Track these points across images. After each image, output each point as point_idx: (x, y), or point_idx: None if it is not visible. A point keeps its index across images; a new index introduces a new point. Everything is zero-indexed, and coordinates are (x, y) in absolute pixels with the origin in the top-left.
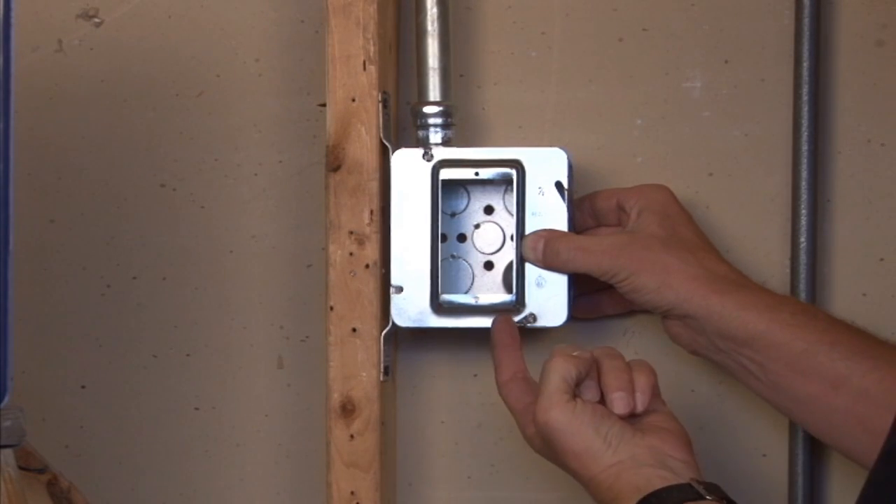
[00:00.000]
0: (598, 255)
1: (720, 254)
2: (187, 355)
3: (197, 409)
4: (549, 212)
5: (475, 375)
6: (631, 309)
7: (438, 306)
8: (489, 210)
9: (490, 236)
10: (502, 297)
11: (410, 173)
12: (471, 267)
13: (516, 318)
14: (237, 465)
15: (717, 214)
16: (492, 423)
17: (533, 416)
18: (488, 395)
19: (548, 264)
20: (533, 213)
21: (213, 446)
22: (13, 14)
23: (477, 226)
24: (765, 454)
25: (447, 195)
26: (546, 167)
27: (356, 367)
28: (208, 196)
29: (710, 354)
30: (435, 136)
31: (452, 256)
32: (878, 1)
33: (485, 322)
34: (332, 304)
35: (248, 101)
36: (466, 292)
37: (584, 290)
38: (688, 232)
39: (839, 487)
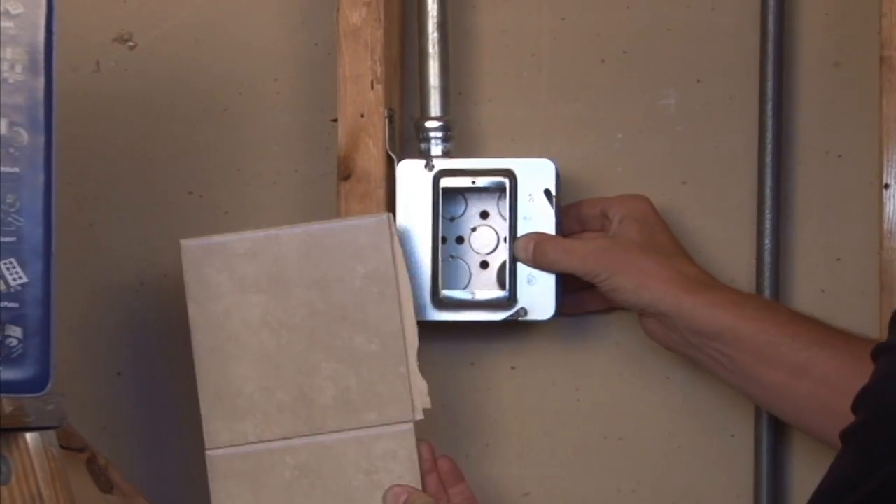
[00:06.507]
0: (583, 256)
1: (691, 258)
2: None
3: None
4: (538, 217)
5: (472, 364)
6: (612, 307)
7: (439, 301)
8: (485, 215)
9: (485, 238)
10: (496, 293)
11: (414, 182)
12: (468, 266)
13: (509, 312)
14: None
15: (690, 219)
16: (487, 406)
17: None
18: (484, 382)
19: (537, 264)
20: (524, 218)
21: None
22: (55, 38)
23: (474, 229)
24: (732, 434)
25: (447, 201)
26: (536, 176)
27: None
28: (231, 202)
29: (683, 349)
30: (436, 149)
31: (452, 257)
32: (836, 26)
33: (481, 316)
34: None
35: (268, 117)
36: (464, 289)
37: (569, 288)
38: (664, 238)
39: (801, 465)
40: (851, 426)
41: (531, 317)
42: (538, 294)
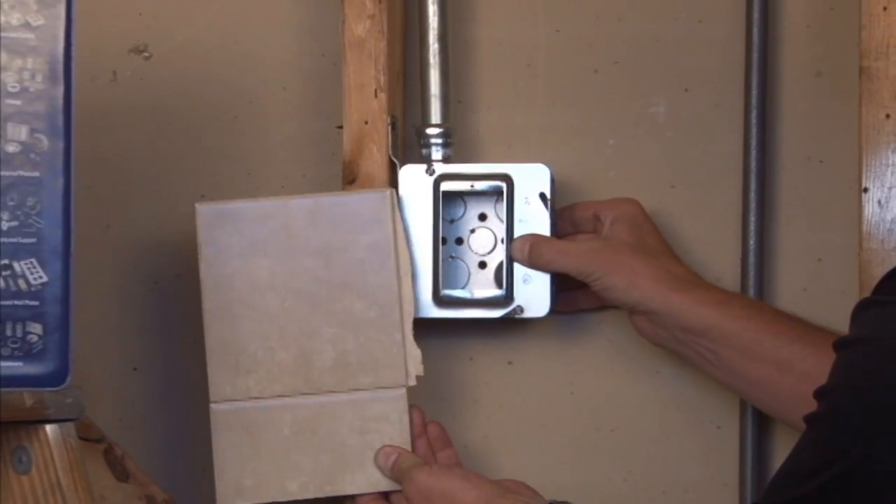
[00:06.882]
0: (576, 257)
1: (679, 258)
2: None
3: None
4: (534, 219)
5: (471, 359)
6: (603, 305)
7: (439, 300)
8: (483, 217)
9: (484, 240)
10: (494, 291)
11: (415, 186)
12: (467, 266)
13: (506, 310)
14: None
15: (678, 221)
16: (485, 399)
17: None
18: (482, 376)
19: (533, 264)
20: (520, 220)
21: None
22: (74, 49)
23: (472, 231)
24: (719, 427)
25: (447, 204)
26: (531, 180)
27: None
28: None
29: (671, 346)
30: (436, 154)
31: (451, 257)
32: (817, 38)
33: (479, 313)
34: None
35: (277, 124)
36: (463, 288)
37: (563, 287)
38: (653, 239)
39: (784, 456)
40: (814, 413)
41: (527, 314)
42: (533, 293)
